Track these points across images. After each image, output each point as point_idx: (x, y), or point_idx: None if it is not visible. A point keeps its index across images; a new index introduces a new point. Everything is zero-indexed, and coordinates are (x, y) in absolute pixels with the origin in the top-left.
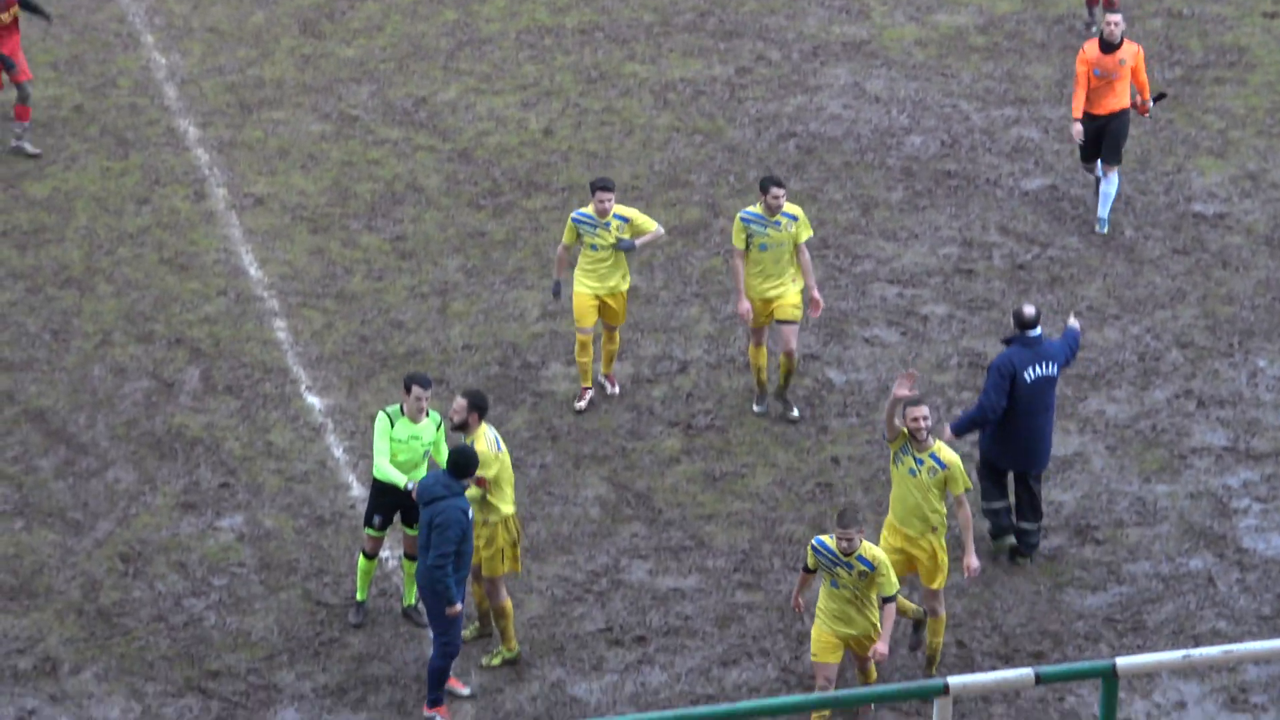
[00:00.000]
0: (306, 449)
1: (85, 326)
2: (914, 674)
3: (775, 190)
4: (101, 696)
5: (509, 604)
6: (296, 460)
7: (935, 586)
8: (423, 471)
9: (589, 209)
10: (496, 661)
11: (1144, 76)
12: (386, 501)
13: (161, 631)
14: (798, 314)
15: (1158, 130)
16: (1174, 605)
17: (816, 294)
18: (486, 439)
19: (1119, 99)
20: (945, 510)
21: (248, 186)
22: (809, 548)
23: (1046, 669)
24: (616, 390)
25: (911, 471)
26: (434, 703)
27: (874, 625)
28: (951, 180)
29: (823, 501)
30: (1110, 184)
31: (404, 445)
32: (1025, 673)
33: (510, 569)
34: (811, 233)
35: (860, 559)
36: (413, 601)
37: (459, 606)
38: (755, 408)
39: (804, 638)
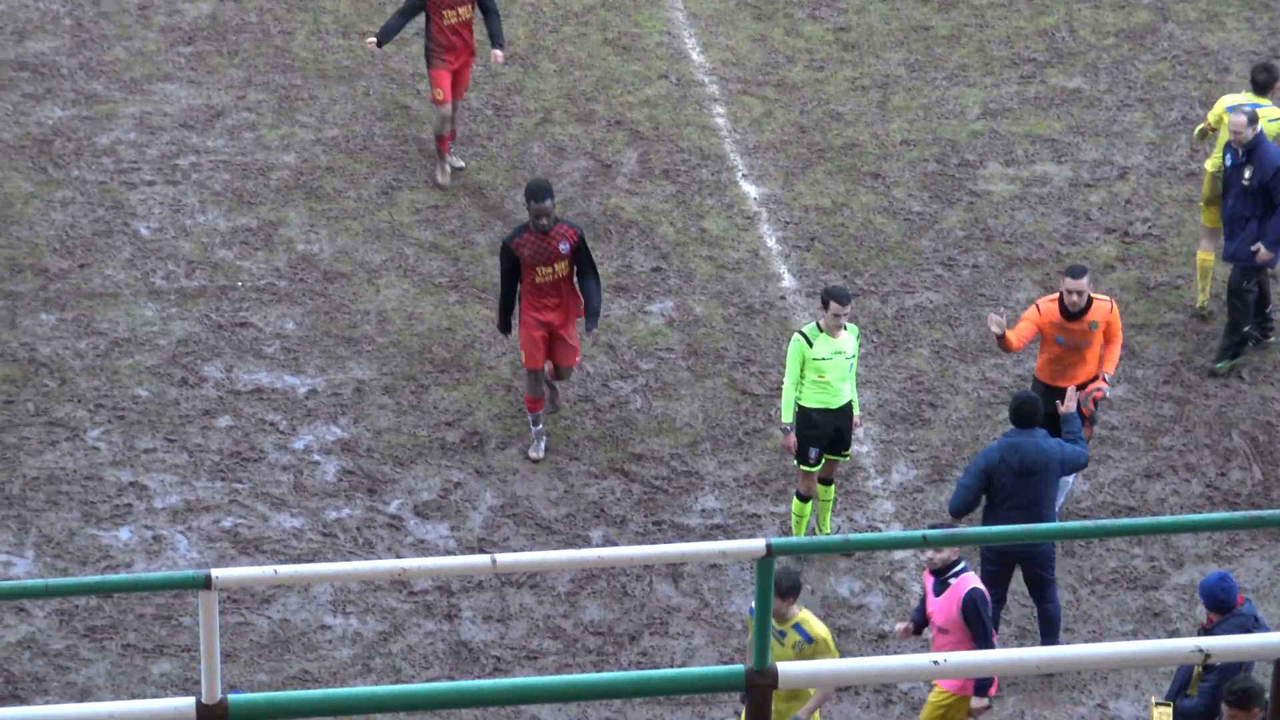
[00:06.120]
0: (739, 237)
1: (527, 104)
2: None
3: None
4: (525, 474)
5: None
6: (729, 248)
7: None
8: (850, 388)
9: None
10: None
11: (1117, 343)
12: (816, 432)
13: (588, 412)
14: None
15: None
16: None
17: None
18: None
19: (1090, 367)
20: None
21: None
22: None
23: None
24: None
25: None
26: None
27: None
28: None
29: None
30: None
31: (828, 363)
32: None
33: None
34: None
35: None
36: (828, 530)
37: None
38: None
39: (1232, 455)
